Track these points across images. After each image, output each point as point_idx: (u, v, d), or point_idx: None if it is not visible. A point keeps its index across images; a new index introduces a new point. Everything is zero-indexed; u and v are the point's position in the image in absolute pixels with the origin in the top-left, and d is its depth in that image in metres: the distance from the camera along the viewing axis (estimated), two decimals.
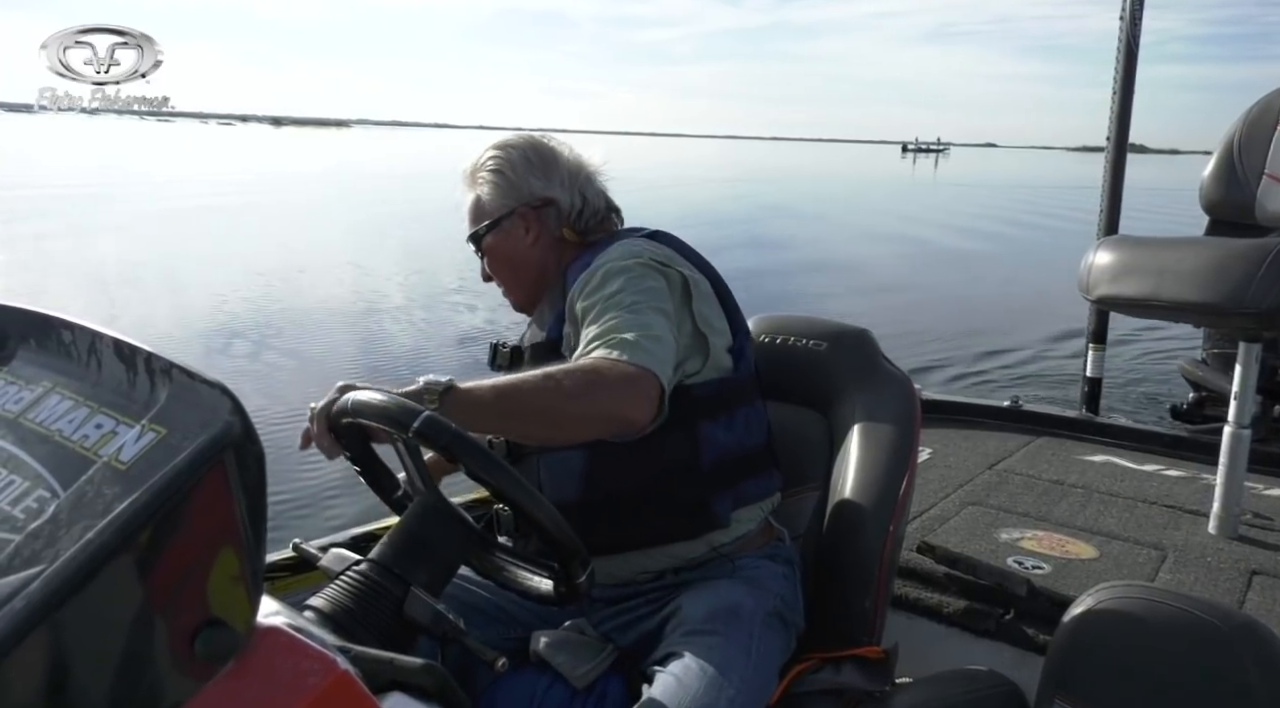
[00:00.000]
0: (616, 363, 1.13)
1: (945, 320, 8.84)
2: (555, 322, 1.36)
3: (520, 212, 1.42)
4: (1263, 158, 2.83)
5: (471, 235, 1.45)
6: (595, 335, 1.19)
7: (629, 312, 1.21)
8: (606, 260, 1.31)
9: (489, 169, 1.44)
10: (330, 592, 1.00)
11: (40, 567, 0.58)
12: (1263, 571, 1.90)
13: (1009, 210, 25.32)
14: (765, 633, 1.24)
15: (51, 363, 0.77)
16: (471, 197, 1.46)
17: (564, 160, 1.46)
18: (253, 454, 0.63)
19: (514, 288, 1.48)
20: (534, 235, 1.42)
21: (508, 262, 1.45)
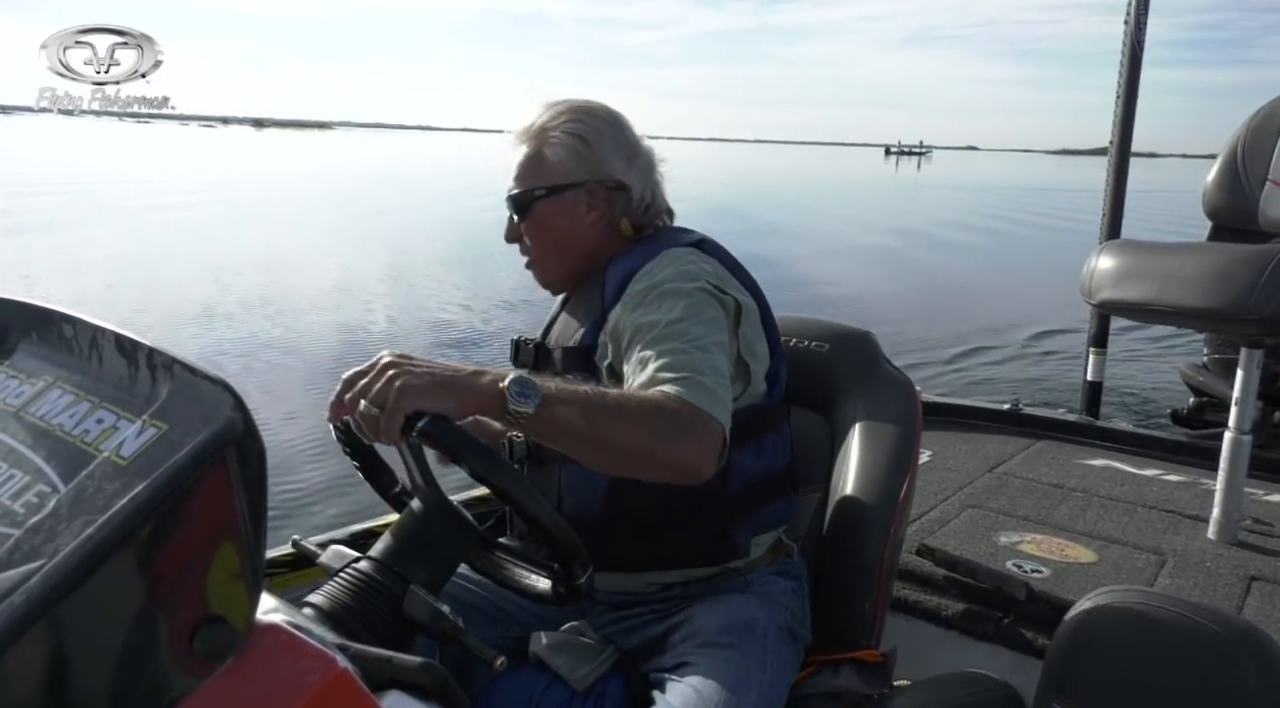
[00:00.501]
0: (699, 412, 1.06)
1: (922, 318, 8.92)
2: (591, 327, 1.28)
3: (591, 187, 1.31)
4: (1266, 164, 2.83)
5: (521, 194, 1.32)
6: (666, 367, 1.10)
7: (698, 349, 1.13)
8: (663, 277, 1.22)
9: (568, 130, 1.31)
10: (329, 589, 1.00)
11: (40, 562, 0.58)
12: (1262, 576, 1.90)
13: (991, 212, 25.56)
14: (778, 648, 1.24)
15: (53, 357, 0.77)
16: (529, 152, 1.32)
17: (643, 149, 1.36)
18: (254, 451, 0.63)
19: (550, 263, 1.36)
20: (596, 216, 1.32)
21: (556, 235, 1.33)
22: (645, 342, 1.15)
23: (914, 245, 16.09)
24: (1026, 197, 35.62)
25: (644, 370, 1.12)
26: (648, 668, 1.22)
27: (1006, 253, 16.78)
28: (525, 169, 1.33)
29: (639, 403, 1.04)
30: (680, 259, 1.25)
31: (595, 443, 1.02)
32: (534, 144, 1.32)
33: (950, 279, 12.68)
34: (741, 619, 1.22)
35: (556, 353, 1.32)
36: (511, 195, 1.34)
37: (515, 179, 1.33)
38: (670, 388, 1.07)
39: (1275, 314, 1.78)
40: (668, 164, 1.40)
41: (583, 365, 1.25)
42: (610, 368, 1.23)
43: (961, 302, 10.37)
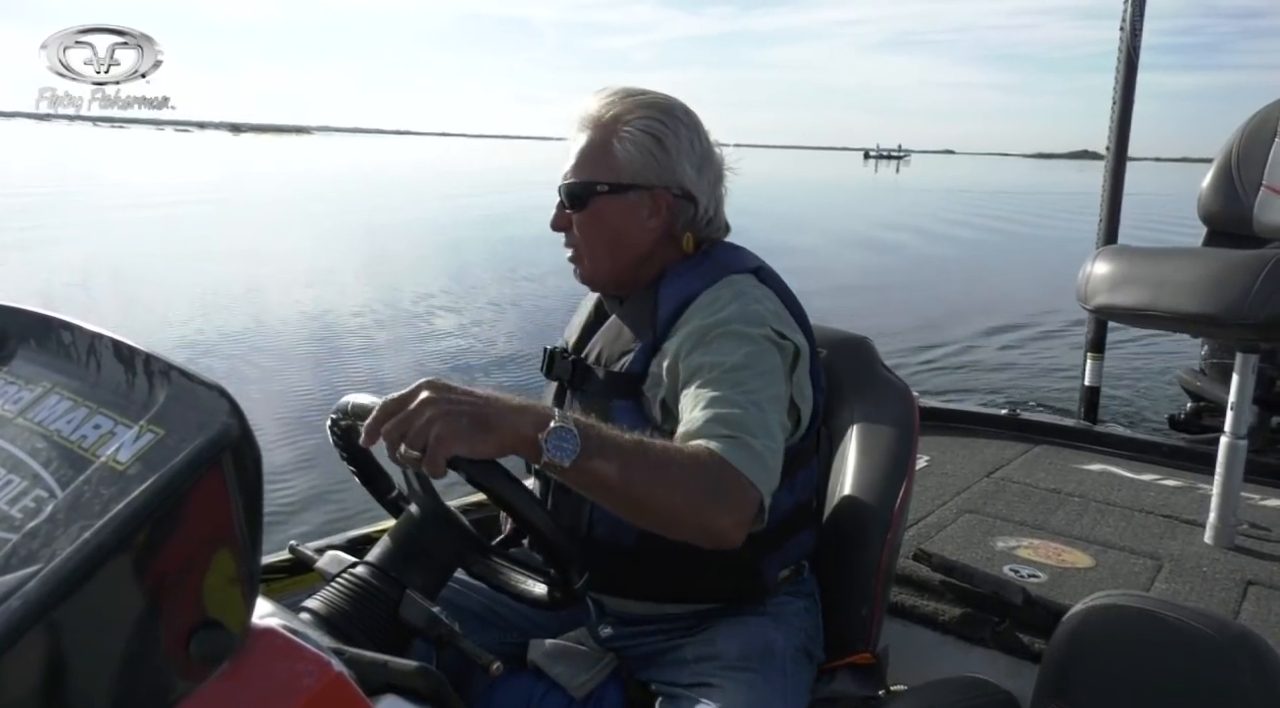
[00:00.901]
0: (739, 478, 1.02)
1: (895, 315, 9.02)
2: (641, 353, 1.21)
3: (657, 192, 1.23)
4: (1260, 170, 2.84)
5: (580, 185, 1.24)
6: (717, 420, 1.06)
7: (753, 404, 1.09)
8: (726, 316, 1.16)
9: (644, 128, 1.22)
10: (326, 594, 1.00)
11: (37, 566, 0.59)
12: (1258, 581, 1.91)
13: (970, 214, 25.91)
14: (796, 670, 1.23)
15: (51, 363, 0.77)
16: (596, 141, 1.23)
17: (715, 157, 1.29)
18: (250, 456, 0.63)
19: (599, 261, 1.27)
20: (656, 223, 1.24)
21: (610, 233, 1.25)
22: (701, 382, 1.12)
23: (893, 246, 16.25)
24: (1004, 200, 36.15)
25: (694, 415, 1.09)
26: (657, 682, 1.22)
27: (983, 253, 17.05)
28: (588, 158, 1.24)
29: (679, 463, 1.01)
30: (744, 295, 1.20)
31: (627, 500, 0.99)
32: (602, 134, 1.23)
33: (924, 277, 12.90)
34: (760, 644, 1.21)
35: (600, 372, 1.24)
36: (569, 183, 1.25)
37: (574, 167, 1.25)
38: (716, 445, 1.03)
39: (1270, 319, 1.78)
40: (736, 174, 1.32)
41: (629, 392, 1.21)
42: (664, 403, 1.18)
43: (931, 298, 10.56)
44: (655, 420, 1.19)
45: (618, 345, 1.24)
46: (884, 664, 1.35)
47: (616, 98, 1.24)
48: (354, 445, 1.19)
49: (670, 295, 1.22)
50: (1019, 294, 10.61)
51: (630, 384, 1.21)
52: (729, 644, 1.21)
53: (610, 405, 1.21)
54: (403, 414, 0.90)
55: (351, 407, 1.10)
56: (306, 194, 25.92)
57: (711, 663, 1.19)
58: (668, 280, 1.24)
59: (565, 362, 1.29)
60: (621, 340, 1.25)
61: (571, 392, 1.28)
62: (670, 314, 1.21)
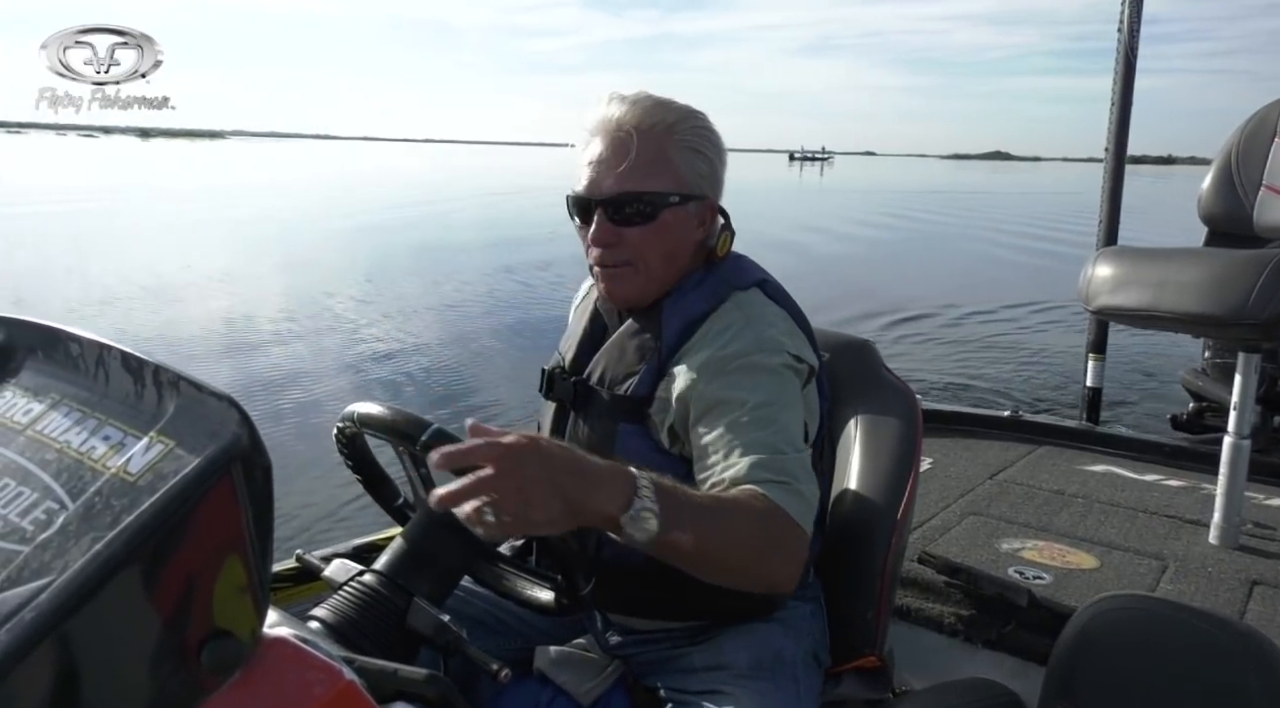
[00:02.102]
0: (795, 528, 1.03)
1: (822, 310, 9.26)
2: (648, 375, 1.18)
3: (707, 204, 1.22)
4: (1260, 170, 2.84)
5: (650, 195, 1.16)
6: (762, 466, 1.06)
7: (789, 444, 1.09)
8: (743, 347, 1.14)
9: (698, 142, 1.20)
10: (334, 602, 1.00)
11: (49, 578, 0.59)
12: (1263, 581, 1.91)
13: (887, 213, 26.46)
14: (806, 677, 1.23)
15: (60, 375, 0.77)
16: (651, 150, 1.17)
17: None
18: (260, 466, 0.64)
19: (656, 274, 1.20)
20: (701, 233, 1.23)
21: (673, 246, 1.20)
22: (730, 421, 1.10)
23: (806, 247, 16.33)
24: (922, 198, 36.75)
25: (737, 461, 1.07)
26: (665, 688, 1.22)
27: (894, 249, 17.42)
28: (648, 168, 1.16)
29: (743, 518, 1.00)
30: (756, 319, 1.17)
31: (695, 560, 0.99)
32: (656, 143, 1.17)
33: (847, 273, 13.24)
34: (771, 652, 1.21)
35: (604, 394, 1.21)
36: (628, 192, 1.16)
37: (629, 176, 1.16)
38: (771, 493, 1.03)
39: (1272, 318, 1.79)
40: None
41: (635, 416, 1.19)
42: (671, 429, 1.17)
43: (854, 290, 10.81)
44: (660, 444, 1.18)
45: (622, 367, 1.21)
46: (890, 667, 1.35)
47: (656, 103, 1.19)
48: (360, 453, 1.19)
49: (675, 316, 1.20)
50: (919, 290, 10.87)
51: (636, 408, 1.18)
52: (739, 653, 1.20)
53: (615, 429, 1.20)
54: (499, 472, 0.83)
55: (358, 415, 1.11)
56: (201, 200, 25.09)
57: (722, 672, 1.19)
58: (672, 300, 1.21)
59: (566, 383, 1.26)
60: (626, 362, 1.21)
61: (574, 413, 1.26)
62: (676, 336, 1.18)
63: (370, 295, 9.87)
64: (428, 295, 9.92)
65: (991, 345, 8.09)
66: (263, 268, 11.87)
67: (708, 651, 1.22)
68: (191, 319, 8.37)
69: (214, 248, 13.83)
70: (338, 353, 7.21)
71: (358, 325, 8.27)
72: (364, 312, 8.94)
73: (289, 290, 10.04)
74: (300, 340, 7.63)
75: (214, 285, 10.20)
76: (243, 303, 9.20)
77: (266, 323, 8.28)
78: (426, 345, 7.46)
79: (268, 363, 6.78)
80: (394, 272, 11.64)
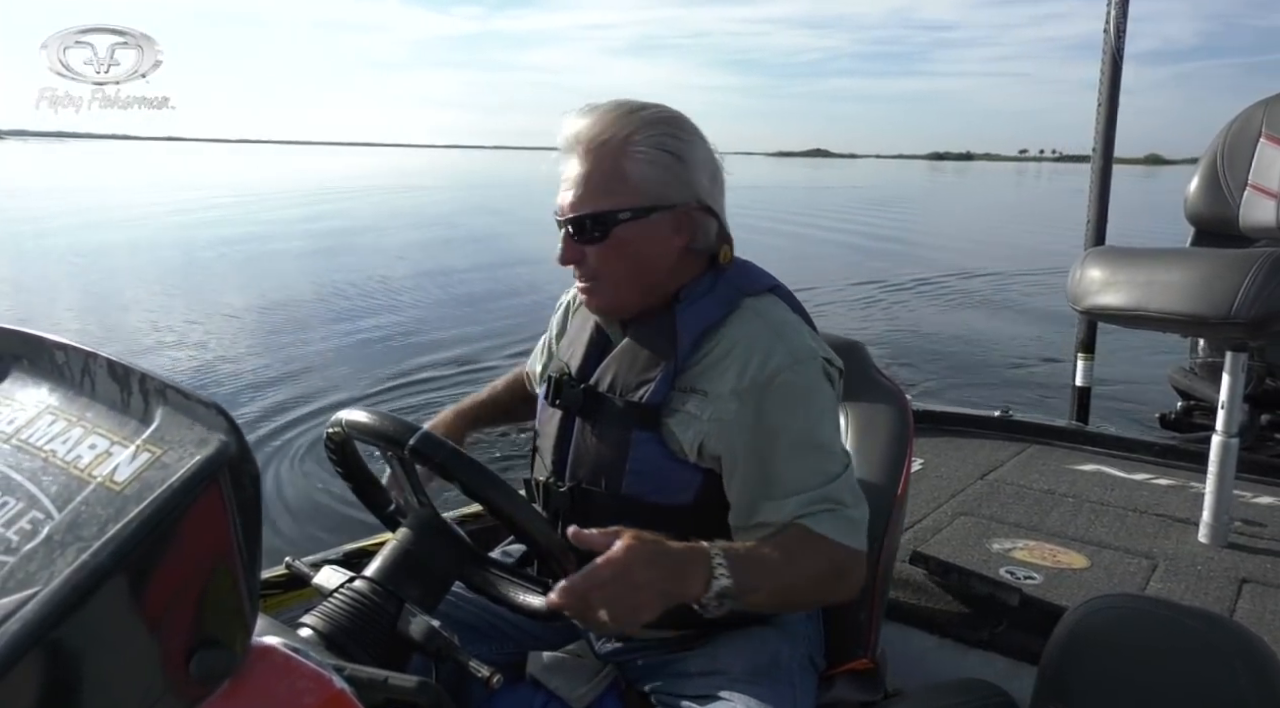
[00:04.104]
0: (852, 555, 1.13)
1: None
2: (662, 382, 1.17)
3: (680, 210, 1.17)
4: (1245, 170, 2.86)
5: (598, 215, 1.15)
6: (813, 501, 1.11)
7: (837, 461, 1.15)
8: (779, 364, 1.14)
9: (659, 144, 1.15)
10: (324, 609, 1.00)
11: (35, 589, 0.58)
12: (1252, 579, 1.92)
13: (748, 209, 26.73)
14: (802, 680, 1.23)
15: (44, 383, 0.77)
16: (606, 165, 1.15)
17: (720, 167, 1.23)
18: (248, 474, 0.63)
19: (623, 291, 1.20)
20: (680, 241, 1.19)
21: (636, 261, 1.18)
22: (776, 455, 1.13)
23: None
24: (746, 193, 37.06)
25: (782, 499, 1.12)
26: (659, 694, 1.21)
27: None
28: (600, 185, 1.15)
29: (801, 565, 1.09)
30: (781, 327, 1.18)
31: (764, 607, 1.13)
32: (611, 157, 1.15)
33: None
34: (767, 657, 1.21)
35: (617, 402, 1.19)
36: (581, 216, 1.16)
37: (583, 196, 1.16)
38: (823, 526, 1.11)
39: (1259, 317, 1.80)
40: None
41: (650, 423, 1.17)
42: (701, 446, 1.16)
43: None
44: (674, 453, 1.17)
45: (634, 374, 1.19)
46: (883, 669, 1.35)
47: (616, 115, 1.16)
48: (350, 460, 1.19)
49: (690, 321, 1.18)
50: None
51: (651, 415, 1.17)
52: (734, 658, 1.20)
53: (629, 437, 1.18)
54: (615, 578, 0.95)
55: (345, 421, 1.10)
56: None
57: (717, 677, 1.18)
58: (684, 305, 1.20)
59: (574, 390, 1.24)
60: (638, 368, 1.19)
61: (583, 421, 1.23)
62: (691, 339, 1.17)
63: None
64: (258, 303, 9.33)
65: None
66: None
67: (702, 656, 1.22)
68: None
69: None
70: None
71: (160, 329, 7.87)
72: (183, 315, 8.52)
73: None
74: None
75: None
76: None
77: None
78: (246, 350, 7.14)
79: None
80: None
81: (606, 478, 1.19)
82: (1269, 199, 2.83)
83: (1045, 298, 10.15)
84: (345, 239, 16.56)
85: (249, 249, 14.65)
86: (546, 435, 1.29)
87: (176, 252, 14.22)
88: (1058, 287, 2.68)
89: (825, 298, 10.05)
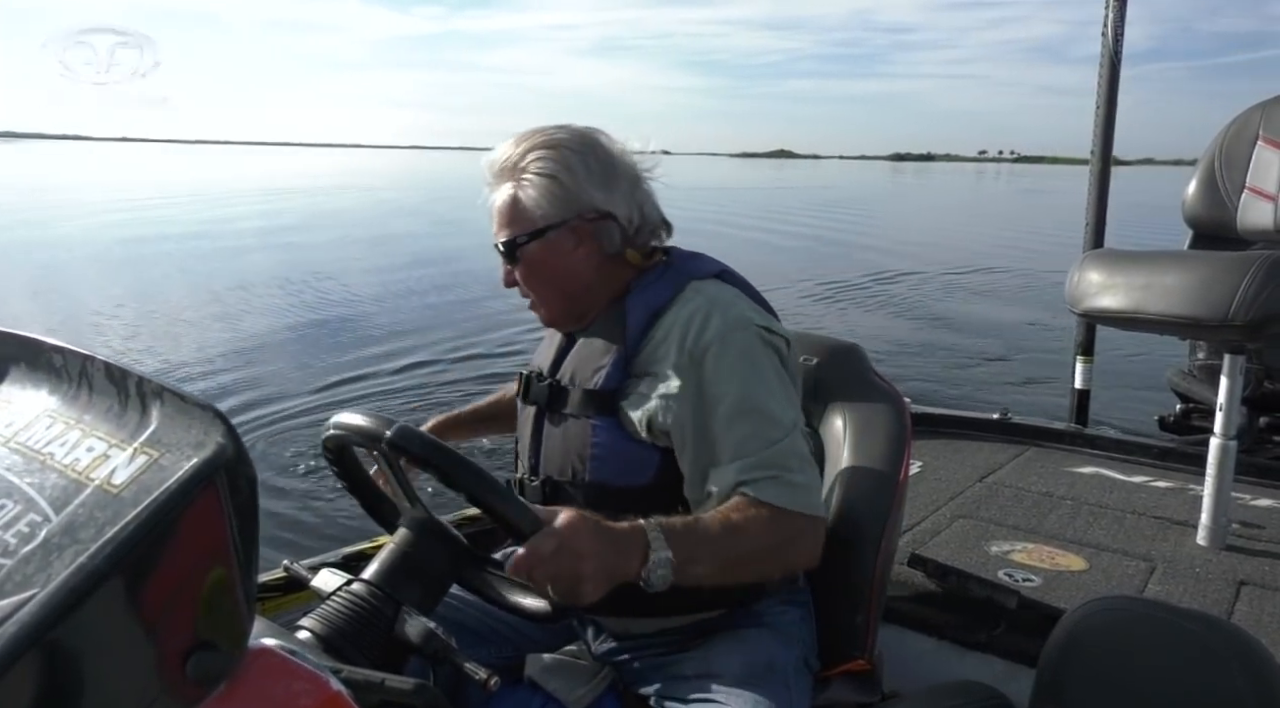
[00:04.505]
0: (799, 518, 1.14)
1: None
2: (614, 368, 1.22)
3: (573, 225, 1.24)
4: (1243, 173, 2.86)
5: (506, 243, 1.26)
6: (755, 467, 1.13)
7: (774, 425, 1.16)
8: (714, 333, 1.18)
9: (538, 170, 1.23)
10: (321, 612, 1.00)
11: (32, 591, 0.58)
12: (1250, 581, 1.92)
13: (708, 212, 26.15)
14: (798, 683, 1.24)
15: (43, 386, 0.77)
16: (506, 195, 1.25)
17: (622, 166, 1.27)
18: (245, 476, 0.63)
19: (551, 302, 1.30)
20: (585, 250, 1.25)
21: (549, 276, 1.27)
22: (714, 422, 1.16)
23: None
24: (711, 194, 36.80)
25: (723, 466, 1.14)
26: (656, 696, 1.21)
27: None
28: (504, 215, 1.26)
29: (748, 534, 1.10)
30: (718, 300, 1.22)
31: (715, 581, 1.11)
32: (508, 187, 1.25)
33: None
34: (763, 660, 1.21)
35: (575, 393, 1.25)
36: (497, 245, 1.28)
37: (497, 227, 1.27)
38: (766, 494, 1.12)
39: (1256, 320, 1.80)
40: (655, 179, 1.32)
41: (607, 409, 1.21)
42: (649, 423, 1.19)
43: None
44: (634, 436, 1.20)
45: (590, 363, 1.26)
46: (880, 671, 1.35)
47: (511, 144, 1.26)
48: (347, 462, 1.19)
49: (637, 306, 1.24)
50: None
51: (607, 400, 1.22)
52: (730, 660, 1.20)
53: (589, 424, 1.22)
54: (554, 562, 0.97)
55: (335, 424, 1.11)
56: None
57: (714, 680, 1.18)
58: (634, 294, 1.26)
59: (541, 386, 1.30)
60: (593, 357, 1.26)
61: (551, 415, 1.28)
62: (640, 325, 1.23)
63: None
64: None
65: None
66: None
67: (699, 658, 1.22)
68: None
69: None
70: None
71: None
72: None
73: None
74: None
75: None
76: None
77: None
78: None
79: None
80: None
81: (573, 467, 1.24)
82: (1266, 201, 2.83)
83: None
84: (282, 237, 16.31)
85: (184, 247, 14.69)
86: (522, 434, 1.34)
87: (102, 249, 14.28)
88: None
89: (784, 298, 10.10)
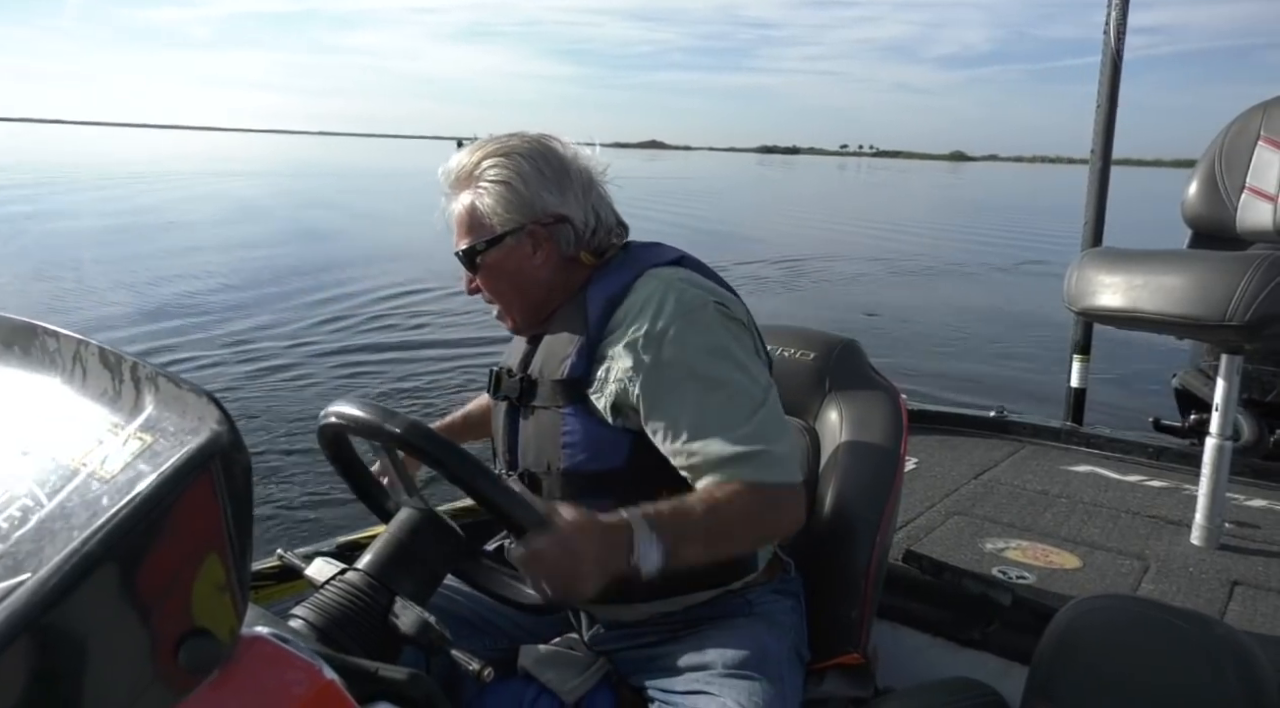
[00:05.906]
0: (780, 489, 1.16)
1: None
2: (579, 357, 1.23)
3: (529, 229, 1.26)
4: (1243, 172, 2.86)
5: (466, 250, 1.29)
6: (729, 442, 1.14)
7: (746, 398, 1.17)
8: (669, 316, 1.19)
9: (491, 178, 1.26)
10: (316, 601, 1.00)
11: (25, 576, 0.58)
12: (1244, 581, 1.92)
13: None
14: (789, 673, 1.24)
15: (35, 370, 0.76)
16: (463, 204, 1.28)
17: (575, 170, 1.30)
18: (239, 463, 0.63)
19: (514, 308, 1.32)
20: (543, 255, 1.28)
21: (509, 281, 1.29)
22: (683, 399, 1.17)
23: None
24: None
25: (696, 446, 1.15)
26: (650, 688, 1.22)
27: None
28: (462, 224, 1.29)
29: (731, 510, 1.12)
30: (672, 284, 1.23)
31: (704, 559, 1.13)
32: (465, 196, 1.28)
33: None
34: (755, 650, 1.21)
35: (544, 386, 1.27)
36: (458, 252, 1.30)
37: (456, 236, 1.30)
38: (745, 472, 1.14)
39: (1255, 320, 1.80)
40: (611, 180, 1.35)
41: (575, 397, 1.23)
42: (614, 406, 1.20)
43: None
44: (603, 421, 1.21)
45: (556, 354, 1.27)
46: (874, 665, 1.35)
47: (467, 153, 1.29)
48: (343, 452, 1.19)
49: (596, 295, 1.26)
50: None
51: (574, 388, 1.23)
52: (723, 651, 1.20)
53: (559, 413, 1.23)
54: (553, 563, 0.99)
55: (334, 413, 1.10)
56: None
57: (707, 670, 1.19)
58: (593, 285, 1.28)
59: (512, 380, 1.32)
60: (559, 348, 1.27)
61: (523, 408, 1.29)
62: (600, 312, 1.24)
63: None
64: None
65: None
66: None
67: (692, 648, 1.22)
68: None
69: None
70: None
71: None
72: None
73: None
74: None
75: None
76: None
77: None
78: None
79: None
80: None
81: (548, 457, 1.25)
82: (1266, 202, 2.83)
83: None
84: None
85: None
86: (497, 430, 1.36)
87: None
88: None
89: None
